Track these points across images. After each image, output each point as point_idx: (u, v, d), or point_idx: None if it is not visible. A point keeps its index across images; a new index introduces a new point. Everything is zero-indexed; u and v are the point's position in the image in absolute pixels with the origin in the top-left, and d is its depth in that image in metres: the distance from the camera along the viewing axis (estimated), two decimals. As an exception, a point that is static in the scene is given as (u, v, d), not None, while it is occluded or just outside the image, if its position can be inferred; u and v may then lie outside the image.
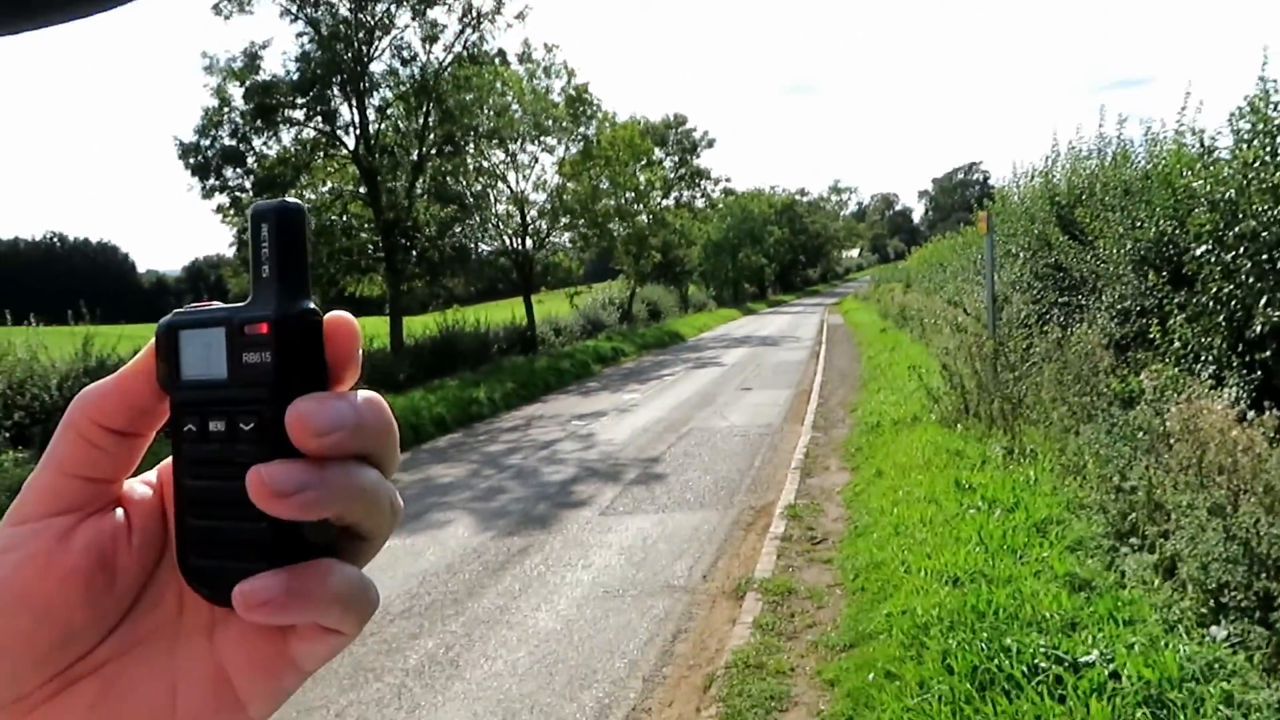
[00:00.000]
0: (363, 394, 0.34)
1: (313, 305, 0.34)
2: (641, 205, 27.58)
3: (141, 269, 73.95)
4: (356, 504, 0.32)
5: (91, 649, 0.34)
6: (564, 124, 22.76)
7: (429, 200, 19.18)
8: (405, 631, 5.09)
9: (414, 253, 18.92)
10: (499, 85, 19.75)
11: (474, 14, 18.42)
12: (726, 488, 8.27)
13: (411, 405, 12.81)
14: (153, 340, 0.35)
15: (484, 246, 22.53)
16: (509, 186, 22.69)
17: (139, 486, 0.36)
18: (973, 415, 8.40)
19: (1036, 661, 3.57)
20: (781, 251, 54.10)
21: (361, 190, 18.44)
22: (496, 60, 19.16)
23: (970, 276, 16.04)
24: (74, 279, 53.32)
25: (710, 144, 40.98)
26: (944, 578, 4.73)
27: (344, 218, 18.87)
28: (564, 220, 23.89)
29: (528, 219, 22.90)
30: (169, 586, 0.36)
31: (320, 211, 18.36)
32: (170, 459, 0.36)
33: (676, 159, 36.70)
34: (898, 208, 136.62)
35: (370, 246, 18.85)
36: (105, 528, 0.35)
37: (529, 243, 22.99)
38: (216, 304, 0.35)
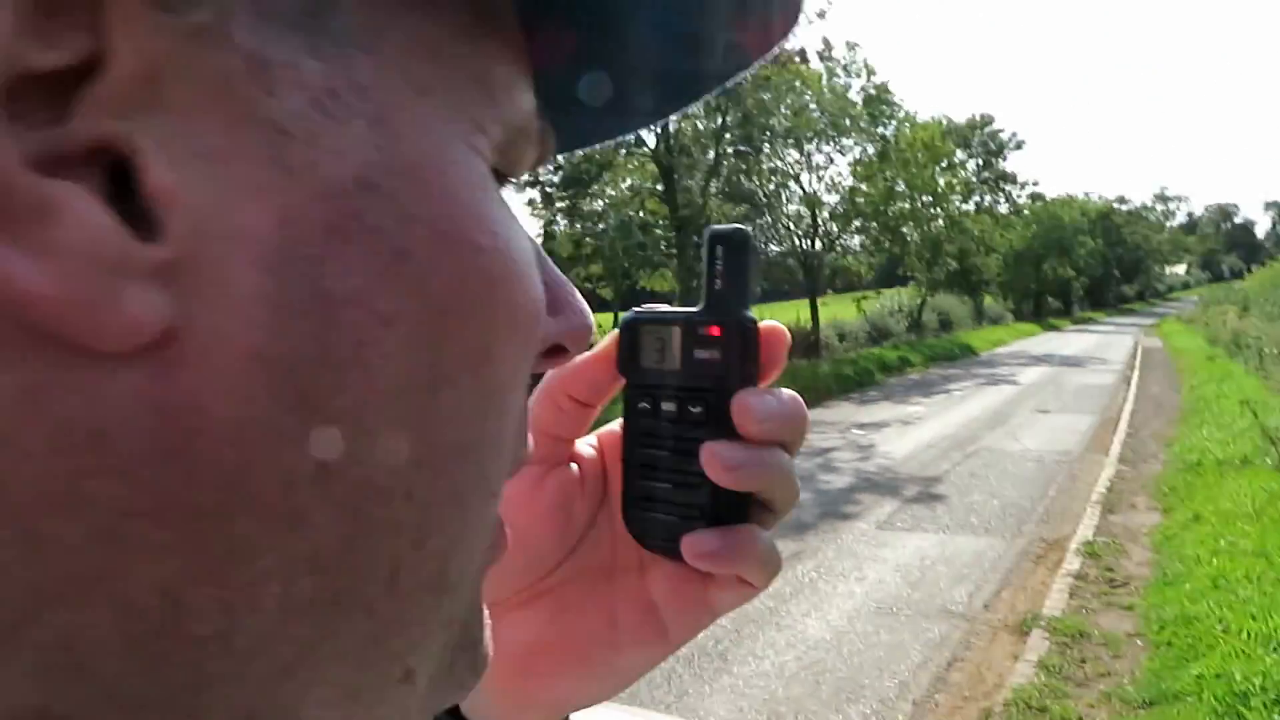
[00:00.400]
0: (786, 392, 0.40)
1: (753, 315, 0.40)
2: (939, 209, 26.48)
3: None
4: (778, 481, 0.39)
5: (549, 573, 0.43)
6: (861, 124, 22.33)
7: (722, 199, 19.53)
8: (677, 620, 5.25)
9: (704, 250, 19.33)
10: (797, 84, 19.72)
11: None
12: (1015, 515, 7.79)
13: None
14: (616, 331, 0.43)
15: (773, 247, 22.62)
16: (801, 187, 22.59)
17: (585, 447, 0.45)
18: (1319, 463, 7.36)
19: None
20: (1093, 264, 49.94)
21: (658, 188, 19.11)
22: (797, 59, 19.15)
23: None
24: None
25: (1018, 146, 38.62)
26: (1272, 644, 4.19)
27: (640, 214, 19.66)
28: (856, 223, 23.45)
29: (819, 220, 22.70)
30: (605, 531, 0.44)
31: (618, 207, 19.25)
32: (606, 427, 0.45)
33: (980, 161, 34.91)
34: (1237, 220, 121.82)
35: (664, 243, 19.51)
36: (566, 477, 0.43)
37: (818, 244, 22.79)
38: (664, 307, 0.43)
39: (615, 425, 0.45)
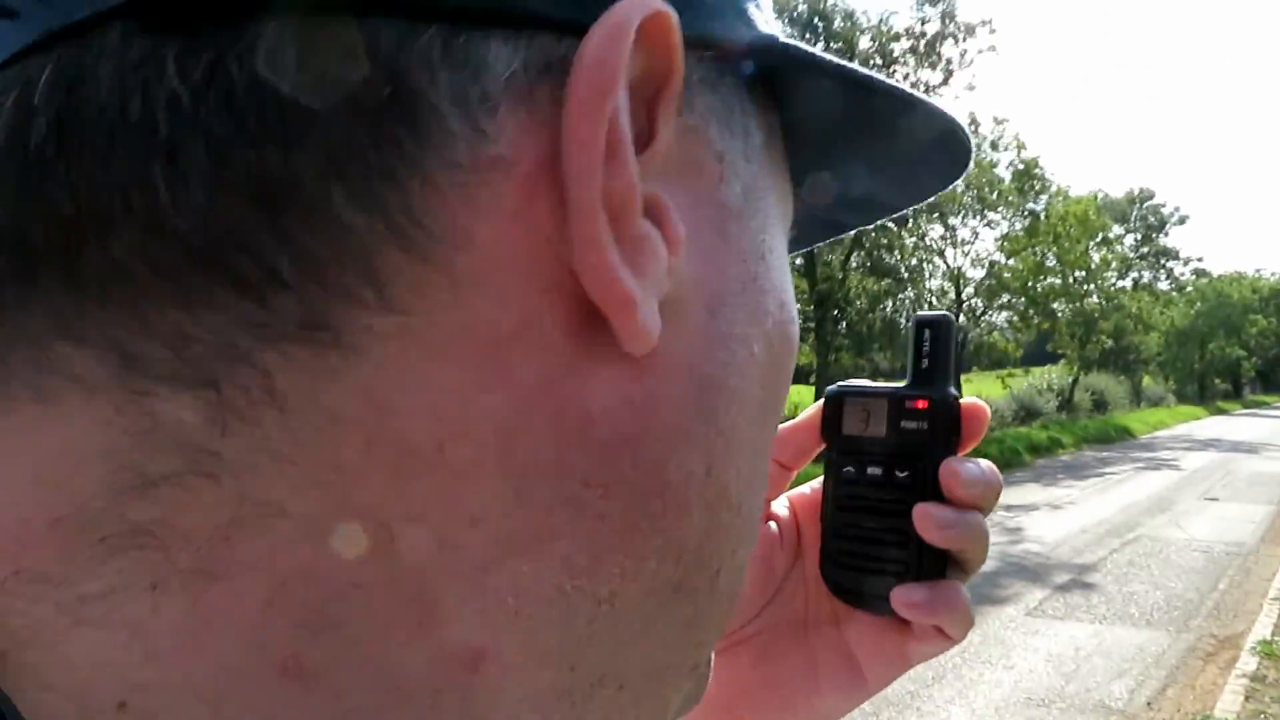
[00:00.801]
0: (985, 463, 0.44)
1: (955, 391, 0.45)
2: (1092, 285, 25.39)
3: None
4: (977, 541, 0.43)
5: (750, 621, 0.47)
6: (1010, 199, 21.78)
7: (863, 273, 19.31)
8: (812, 699, 5.08)
9: (843, 325, 19.13)
10: (943, 160, 19.37)
11: (923, 88, 18.43)
12: (1181, 608, 7.25)
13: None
14: (820, 403, 0.47)
15: (914, 322, 22.09)
16: (945, 262, 22.15)
17: (780, 507, 0.49)
18: None
19: None
20: (1266, 344, 46.65)
21: (798, 262, 19.09)
22: (943, 135, 18.85)
23: None
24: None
25: (1181, 221, 36.80)
26: None
27: (780, 287, 19.58)
28: (1002, 299, 22.74)
29: (963, 296, 22.14)
30: (799, 586, 0.48)
31: (758, 280, 19.22)
32: (798, 490, 0.49)
33: (1139, 236, 33.37)
34: None
35: (801, 317, 19.40)
36: (767, 533, 0.48)
37: (963, 320, 22.17)
38: (867, 382, 0.48)
39: (806, 488, 0.49)
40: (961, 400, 0.45)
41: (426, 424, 0.20)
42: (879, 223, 0.39)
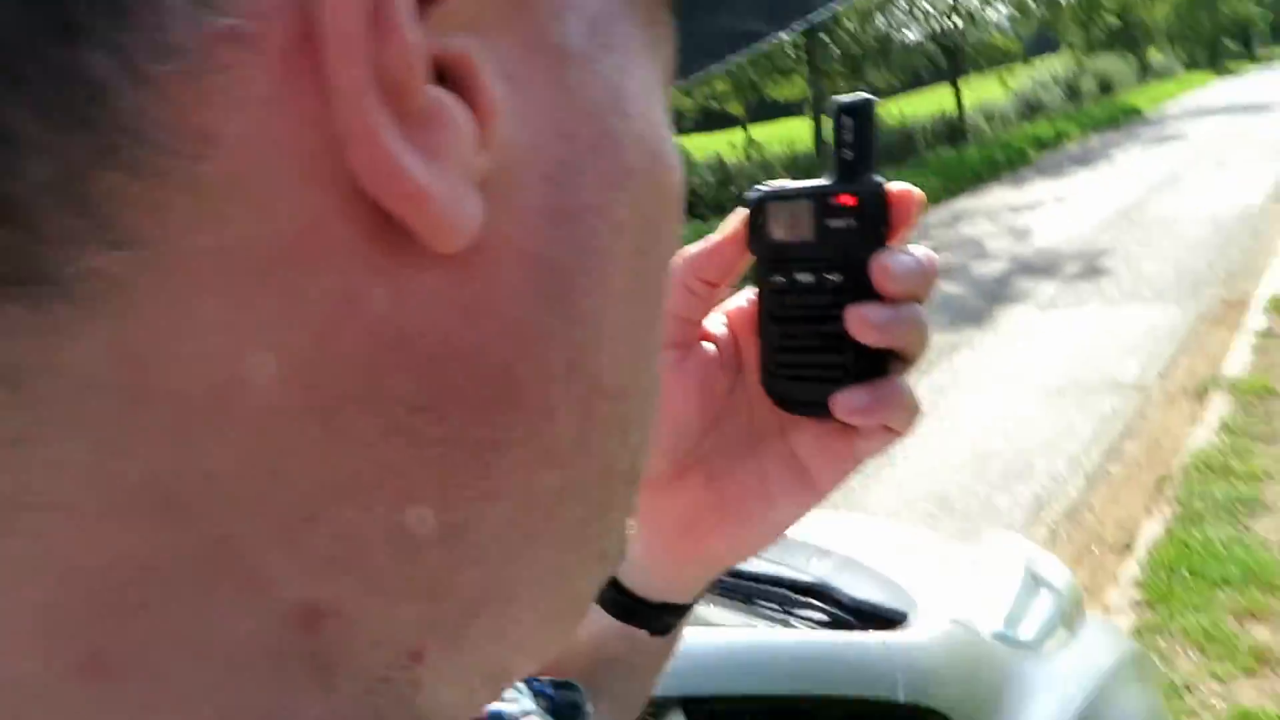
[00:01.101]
0: (917, 248, 0.43)
1: (881, 179, 0.42)
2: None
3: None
4: (915, 334, 0.42)
5: (697, 445, 0.47)
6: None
7: (847, -12, 18.27)
8: (839, 420, 5.33)
9: (836, 49, 18.34)
10: None
11: None
12: (1191, 279, 7.37)
13: (836, 204, 12.78)
14: (742, 211, 0.45)
15: (907, 33, 21.14)
16: (935, -40, 20.81)
17: (715, 325, 0.48)
18: None
19: None
20: (1277, -4, 44.34)
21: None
22: None
23: None
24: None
25: None
26: None
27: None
28: (997, -10, 21.55)
29: (956, -5, 20.97)
30: (743, 401, 0.47)
31: (739, 13, 18.26)
32: (732, 302, 0.48)
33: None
34: None
35: (792, 47, 18.58)
36: (702, 356, 0.47)
37: (958, 22, 21.13)
38: (787, 182, 0.45)
39: (740, 299, 0.48)
40: (889, 187, 0.42)
41: (200, 372, 0.17)
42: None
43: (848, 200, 0.42)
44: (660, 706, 1.21)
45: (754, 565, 1.88)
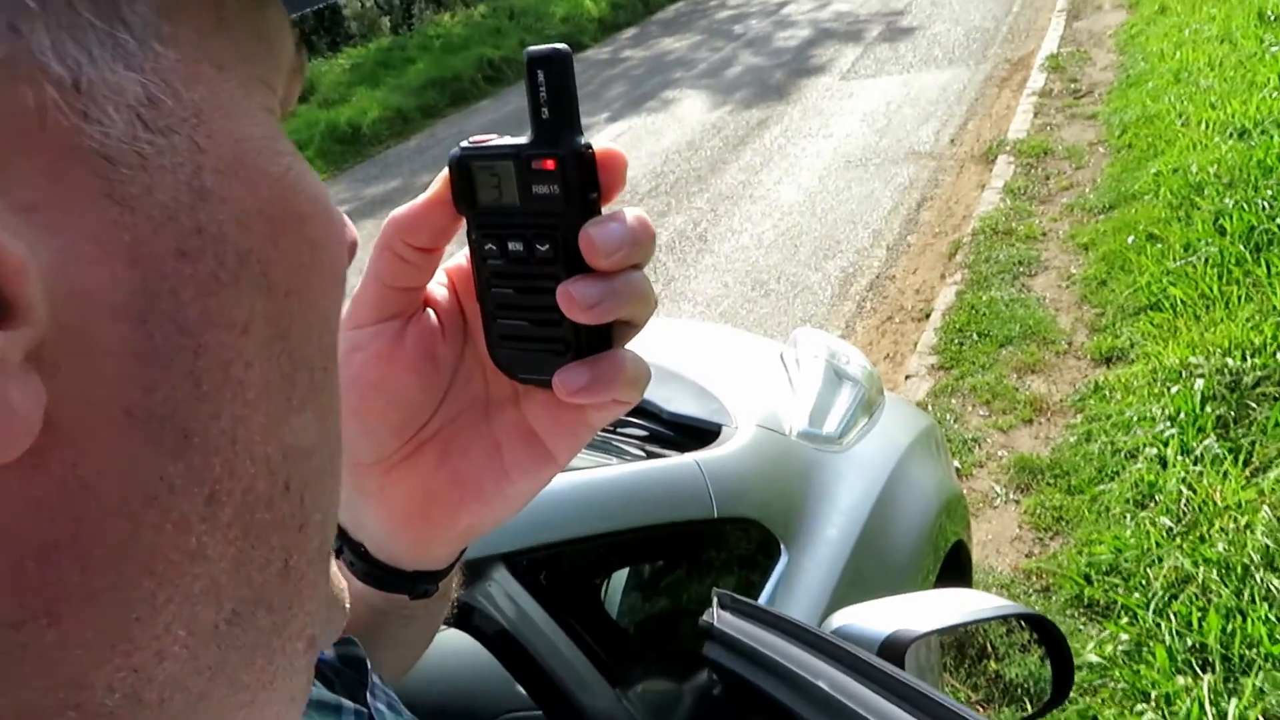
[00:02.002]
0: (631, 212, 0.39)
1: (586, 140, 0.38)
2: None
3: None
4: (635, 305, 0.39)
5: (427, 421, 0.44)
6: None
7: None
8: (653, 210, 5.35)
9: None
10: None
11: None
12: (980, 39, 7.59)
13: (637, -27, 12.27)
14: (446, 170, 0.41)
15: None
16: None
17: (437, 288, 0.44)
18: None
19: (1328, 219, 3.27)
20: None
21: None
22: None
23: None
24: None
25: None
26: (1228, 130, 4.28)
27: None
28: None
29: None
30: (475, 368, 0.45)
31: None
32: (454, 262, 0.44)
33: None
34: None
35: None
36: (425, 326, 0.43)
37: None
38: (495, 138, 0.40)
39: (464, 259, 0.43)
40: (596, 149, 0.38)
41: None
42: None
43: (549, 164, 0.38)
44: (481, 564, 1.23)
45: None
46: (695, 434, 1.72)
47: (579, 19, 10.38)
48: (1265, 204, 3.48)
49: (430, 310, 0.43)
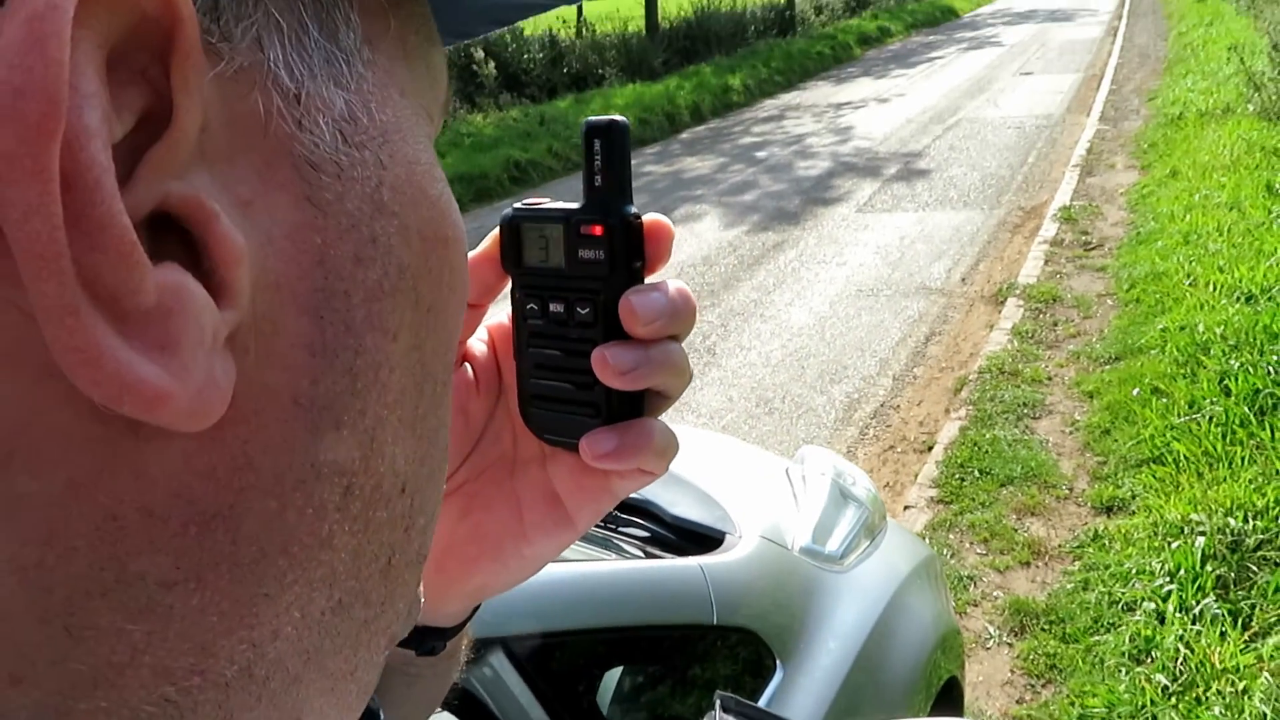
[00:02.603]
0: (674, 284, 0.40)
1: (635, 210, 0.39)
2: None
3: None
4: (670, 375, 0.40)
5: (452, 474, 0.44)
6: None
7: None
8: (665, 319, 5.40)
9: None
10: None
11: None
12: (995, 186, 7.81)
13: (666, 93, 12.72)
14: (497, 229, 0.42)
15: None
16: None
17: (477, 344, 0.45)
18: (1301, 107, 7.26)
19: (1332, 389, 3.31)
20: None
21: None
22: None
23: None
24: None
25: None
26: (1236, 294, 4.37)
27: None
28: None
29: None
30: (505, 425, 0.45)
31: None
32: (495, 320, 0.45)
33: None
34: None
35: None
36: (461, 380, 0.44)
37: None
38: (547, 201, 0.41)
39: (505, 317, 0.44)
40: (643, 219, 0.39)
41: None
42: None
43: (597, 230, 0.39)
44: (482, 647, 1.21)
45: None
46: (698, 539, 1.71)
47: (607, 130, 10.68)
48: (1271, 368, 3.53)
49: (467, 365, 0.44)
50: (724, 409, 4.36)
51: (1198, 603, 2.61)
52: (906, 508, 3.41)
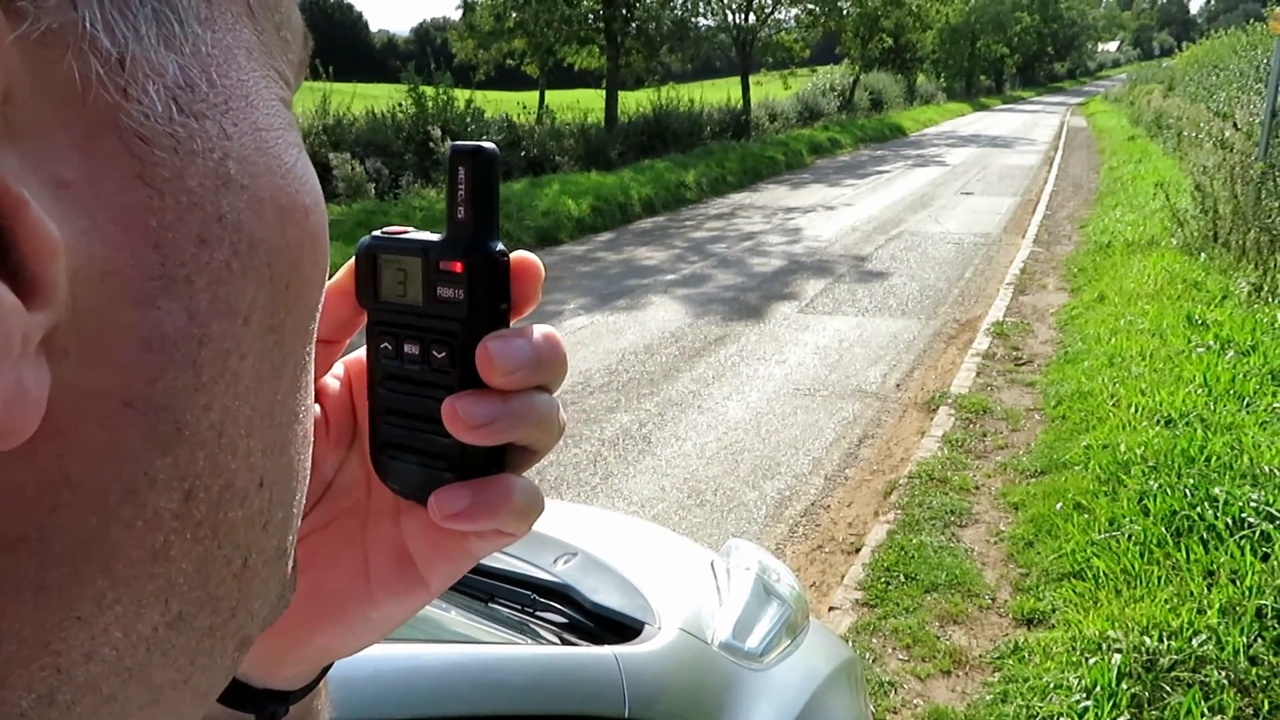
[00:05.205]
0: (540, 330, 0.36)
1: (501, 247, 0.36)
2: (877, -17, 25.50)
3: (373, 28, 76.16)
4: (533, 430, 0.36)
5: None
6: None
7: (652, -31, 18.50)
8: (603, 404, 5.41)
9: (633, 25, 18.51)
10: None
11: None
12: (932, 297, 8.03)
13: (621, 184, 12.95)
14: (352, 260, 0.39)
15: (703, 21, 21.64)
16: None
17: (330, 381, 0.41)
18: (1221, 244, 7.64)
19: (1244, 515, 3.40)
20: (1028, 41, 49.17)
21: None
22: None
23: (1249, 85, 14.13)
24: (309, 35, 55.58)
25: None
26: (1156, 417, 4.50)
27: (566, -15, 18.56)
28: (791, -4, 22.51)
29: (752, -8, 21.70)
30: (359, 473, 0.41)
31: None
32: (354, 354, 0.41)
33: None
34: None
35: (590, 16, 18.57)
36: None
37: (751, 18, 21.90)
38: (411, 231, 0.38)
39: (363, 353, 0.41)
40: (510, 256, 0.36)
41: None
42: None
43: (456, 267, 0.35)
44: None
45: (498, 561, 1.84)
46: (616, 629, 1.67)
47: (559, 214, 10.84)
48: (1187, 491, 3.62)
49: (317, 405, 0.40)
50: (656, 498, 4.32)
51: (1112, 721, 2.62)
52: (831, 609, 3.38)
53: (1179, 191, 9.16)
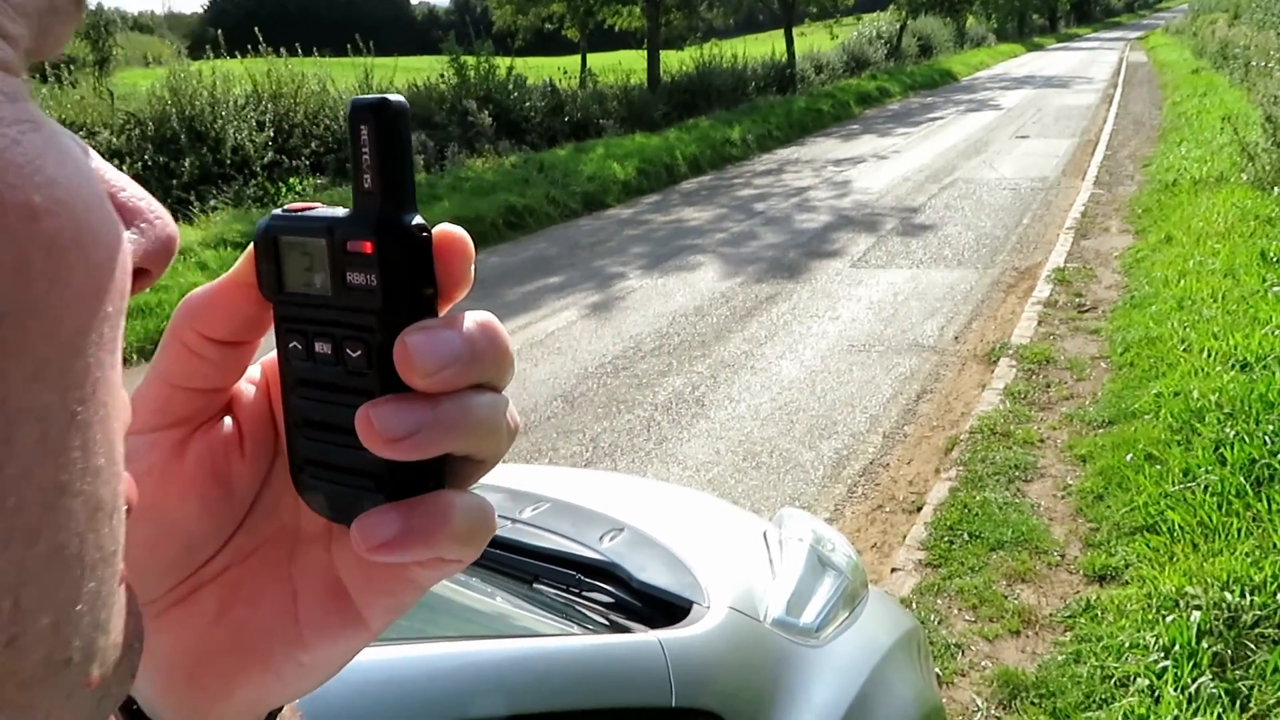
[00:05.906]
0: (474, 318, 0.30)
1: (419, 220, 0.30)
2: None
3: (414, 0, 76.20)
4: (471, 438, 0.30)
5: (212, 556, 0.34)
6: None
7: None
8: (655, 369, 5.34)
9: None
10: None
11: None
12: (989, 245, 7.79)
13: (666, 145, 12.78)
14: (252, 246, 0.32)
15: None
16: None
17: (245, 387, 0.35)
18: (1296, 176, 7.28)
19: (1330, 462, 3.22)
20: (1082, -25, 47.44)
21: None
22: None
23: (1321, 5, 13.39)
24: (351, 9, 55.89)
25: None
26: (1231, 361, 4.30)
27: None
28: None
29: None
30: (285, 492, 0.35)
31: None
32: (271, 356, 0.34)
33: None
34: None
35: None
36: (216, 439, 0.33)
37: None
38: (319, 207, 0.32)
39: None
40: (433, 231, 0.30)
41: None
42: None
43: (365, 248, 0.29)
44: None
45: (544, 540, 1.79)
46: (665, 608, 1.61)
47: (605, 178, 10.74)
48: (1267, 438, 3.44)
49: (229, 420, 0.34)
50: (711, 461, 4.26)
51: (1194, 681, 2.50)
52: (894, 570, 3.29)
53: (1248, 124, 8.73)
